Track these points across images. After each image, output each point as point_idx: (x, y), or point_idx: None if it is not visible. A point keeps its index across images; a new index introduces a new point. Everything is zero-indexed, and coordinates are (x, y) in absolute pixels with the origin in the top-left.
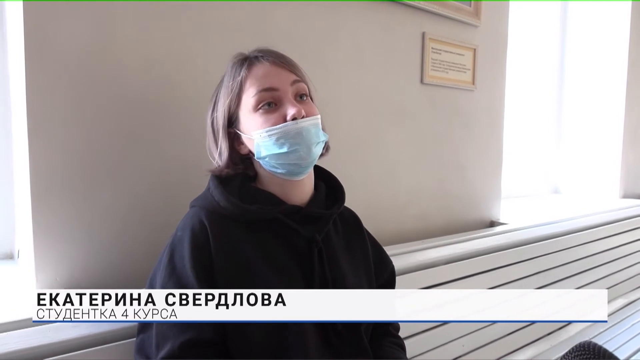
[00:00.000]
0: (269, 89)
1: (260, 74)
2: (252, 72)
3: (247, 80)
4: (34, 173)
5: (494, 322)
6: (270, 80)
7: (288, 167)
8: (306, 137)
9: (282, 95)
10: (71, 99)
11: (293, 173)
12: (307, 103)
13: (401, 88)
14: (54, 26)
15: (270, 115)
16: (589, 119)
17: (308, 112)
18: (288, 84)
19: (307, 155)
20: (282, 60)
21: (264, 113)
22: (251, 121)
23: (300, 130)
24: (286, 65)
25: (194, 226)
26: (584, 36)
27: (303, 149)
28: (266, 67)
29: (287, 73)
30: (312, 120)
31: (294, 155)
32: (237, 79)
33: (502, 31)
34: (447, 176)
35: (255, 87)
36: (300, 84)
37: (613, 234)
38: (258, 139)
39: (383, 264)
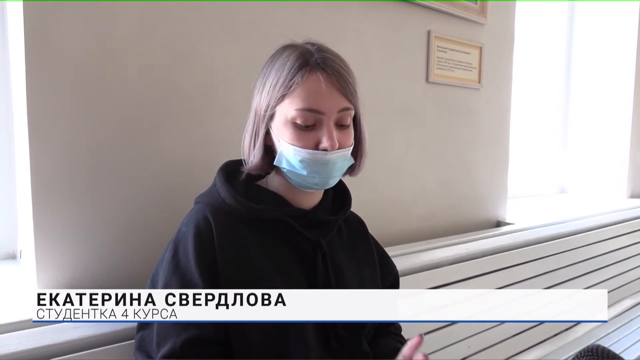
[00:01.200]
0: (315, 110)
1: (313, 89)
2: (307, 82)
3: (298, 87)
4: (35, 173)
5: (500, 323)
6: (319, 101)
7: (302, 186)
8: (329, 170)
9: (324, 120)
10: (72, 99)
11: (304, 188)
12: (345, 132)
13: (406, 87)
14: (54, 26)
15: (305, 135)
16: (596, 119)
17: (342, 143)
18: (335, 110)
19: (324, 184)
20: (340, 79)
21: (299, 129)
22: (285, 128)
23: (326, 162)
24: (341, 88)
25: (199, 222)
26: (591, 35)
27: (322, 178)
28: (321, 83)
29: (340, 97)
30: (341, 152)
31: (312, 180)
32: (288, 82)
33: (509, 29)
34: (453, 176)
35: (302, 101)
36: (348, 111)
37: (620, 234)
38: (284, 149)
39: (387, 270)
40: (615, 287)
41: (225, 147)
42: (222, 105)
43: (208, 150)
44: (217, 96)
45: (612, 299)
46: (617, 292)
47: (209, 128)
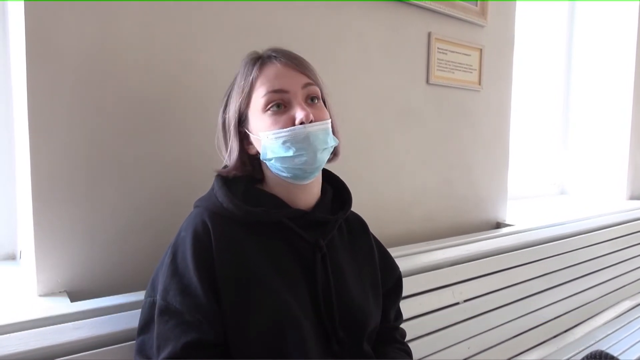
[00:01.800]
0: (279, 90)
1: (272, 75)
2: (264, 72)
3: (257, 80)
4: (36, 174)
5: (500, 325)
6: (281, 81)
7: (293, 171)
8: (313, 143)
9: (291, 98)
10: (73, 100)
11: (298, 177)
12: (317, 107)
13: (407, 88)
14: (55, 25)
15: (279, 118)
16: (596, 120)
17: (317, 116)
18: (299, 86)
19: (313, 161)
20: (295, 61)
21: (272, 114)
22: (260, 122)
23: (307, 134)
24: (299, 67)
25: (197, 227)
26: (591, 36)
27: (309, 154)
28: (278, 68)
29: (299, 75)
30: (320, 125)
31: (299, 159)
32: (248, 79)
33: (509, 31)
34: (453, 177)
35: (265, 87)
36: (312, 87)
37: (620, 236)
38: (265, 140)
39: (390, 269)
40: (615, 289)
41: None
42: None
43: (208, 150)
44: (218, 96)
45: (612, 301)
46: (617, 294)
47: (210, 128)
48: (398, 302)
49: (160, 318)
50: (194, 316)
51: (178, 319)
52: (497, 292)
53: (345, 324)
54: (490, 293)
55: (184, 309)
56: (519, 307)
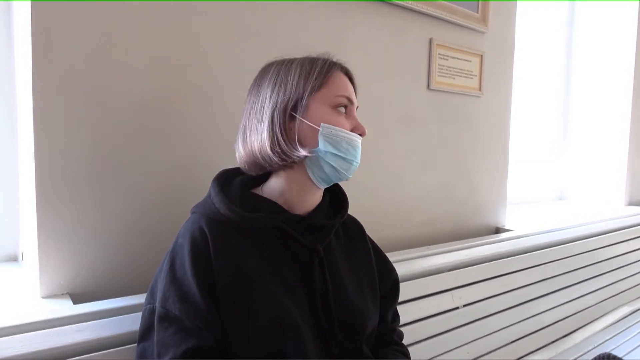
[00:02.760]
0: (349, 99)
1: (344, 82)
2: (337, 74)
3: (332, 77)
4: (40, 175)
5: (500, 329)
6: (350, 91)
7: (332, 172)
8: (359, 156)
9: (353, 110)
10: (77, 101)
11: (328, 179)
12: None
13: (408, 94)
14: (61, 26)
15: (346, 120)
16: (595, 126)
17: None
18: (356, 104)
19: (352, 170)
20: (353, 81)
21: (341, 115)
22: (324, 114)
23: (358, 147)
24: (355, 88)
25: (194, 233)
26: (590, 42)
27: (354, 163)
28: (345, 79)
29: (353, 95)
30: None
31: (347, 164)
32: (323, 69)
33: (509, 37)
34: (453, 182)
35: (341, 89)
36: (356, 108)
37: (618, 242)
38: (326, 132)
39: (387, 273)
40: (613, 294)
41: (230, 150)
42: (226, 107)
43: (212, 152)
44: (222, 99)
45: (610, 306)
46: (615, 299)
47: (214, 130)
48: (395, 304)
49: (160, 325)
50: (193, 322)
51: (178, 325)
52: (497, 297)
53: (343, 327)
54: (490, 298)
55: (183, 315)
56: (518, 311)
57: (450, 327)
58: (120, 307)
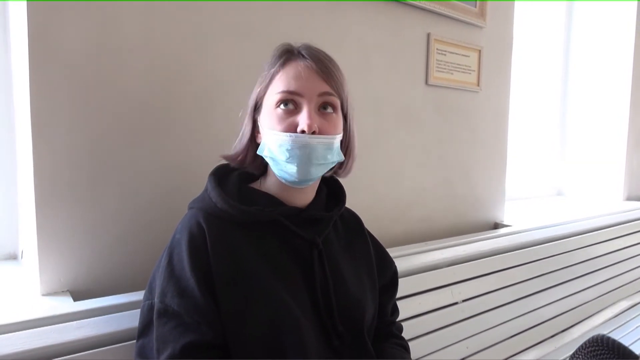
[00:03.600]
0: (293, 92)
1: (292, 74)
2: (286, 68)
3: (277, 74)
4: (38, 174)
5: (498, 324)
6: (299, 83)
7: (283, 175)
8: (308, 155)
9: (304, 102)
10: (75, 101)
11: (289, 182)
12: (329, 118)
13: (406, 89)
14: (58, 26)
15: (285, 118)
16: (593, 121)
17: (324, 129)
18: (315, 93)
19: (304, 173)
20: (321, 66)
21: (281, 113)
22: (268, 116)
23: (304, 146)
24: (322, 73)
25: (192, 228)
26: (588, 38)
27: (301, 165)
28: (301, 68)
29: (320, 81)
30: (322, 139)
31: (290, 167)
32: (270, 70)
33: (508, 32)
34: (451, 178)
35: (282, 84)
36: (330, 97)
37: (617, 237)
38: (266, 136)
39: (385, 265)
40: (612, 289)
41: (227, 149)
42: (224, 106)
43: (209, 151)
44: (219, 97)
45: (608, 301)
46: (613, 294)
47: (211, 129)
48: (394, 297)
49: (158, 320)
50: (192, 317)
51: (176, 320)
52: (495, 292)
53: (344, 319)
54: (489, 293)
55: (182, 310)
56: (516, 307)
57: (449, 322)
58: (120, 303)
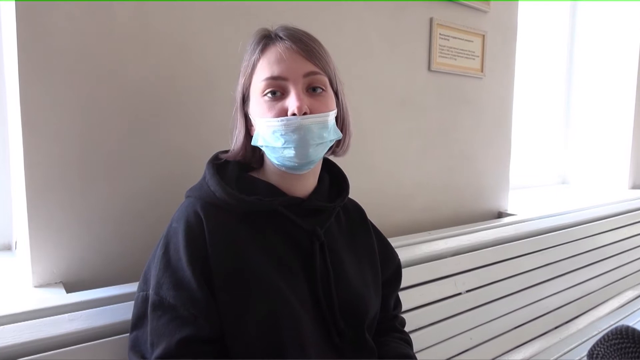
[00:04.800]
0: (277, 77)
1: (273, 59)
2: (266, 54)
3: (259, 62)
4: (29, 163)
5: (503, 315)
6: (281, 67)
7: (282, 161)
8: (304, 136)
9: (290, 86)
10: (67, 91)
11: (290, 168)
12: (319, 97)
13: (408, 75)
14: (48, 17)
15: (274, 104)
16: (598, 109)
17: (315, 108)
18: (300, 74)
19: (303, 155)
20: (301, 45)
21: (268, 101)
22: (257, 106)
23: (299, 127)
24: (304, 53)
25: (189, 217)
26: (594, 23)
27: (298, 148)
28: (281, 51)
29: (303, 61)
30: (316, 118)
31: (288, 152)
32: (251, 59)
33: (512, 17)
34: (454, 166)
35: (265, 71)
36: (316, 76)
37: (622, 226)
38: (258, 126)
39: (389, 258)
40: (617, 279)
41: (222, 138)
42: (219, 96)
43: (204, 140)
44: (215, 87)
45: (614, 291)
46: (619, 284)
47: (206, 119)
48: (397, 290)
49: (153, 313)
50: (188, 310)
51: (172, 313)
52: (500, 282)
53: (345, 313)
54: (493, 283)
55: (178, 303)
56: (521, 297)
57: (453, 313)
58: (114, 295)
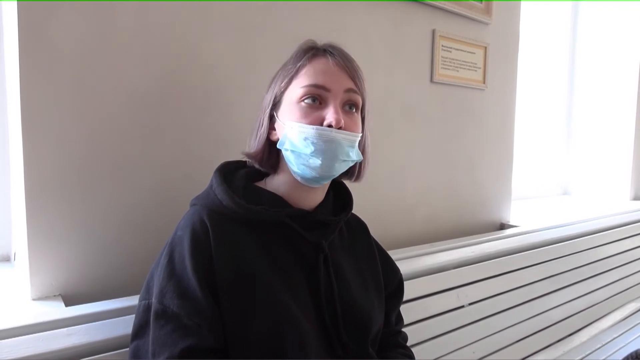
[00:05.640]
0: (321, 86)
1: (319, 69)
2: (313, 63)
3: (304, 68)
4: (29, 173)
5: (506, 328)
6: (326, 78)
7: (304, 170)
8: (334, 150)
9: (330, 98)
10: (67, 98)
11: (307, 178)
12: (352, 117)
13: (410, 87)
14: (50, 19)
15: (311, 112)
16: (600, 120)
17: (349, 126)
18: (342, 89)
19: (328, 167)
20: (349, 64)
21: (305, 107)
22: (290, 110)
23: (331, 140)
24: (349, 70)
25: (195, 225)
26: (595, 35)
27: (326, 159)
28: (328, 64)
29: (346, 78)
30: (348, 135)
31: (314, 161)
32: (296, 64)
33: (514, 29)
34: (456, 177)
35: (308, 78)
36: (355, 94)
37: (625, 237)
38: (289, 129)
39: (391, 272)
40: (620, 291)
41: (225, 145)
42: (222, 102)
43: (206, 148)
44: (217, 93)
45: (617, 303)
46: (621, 296)
47: (209, 125)
48: (399, 305)
49: (156, 322)
50: (192, 320)
51: (175, 323)
52: (502, 295)
53: (348, 326)
54: (496, 296)
55: (182, 312)
56: (524, 309)
57: (456, 326)
58: (114, 309)
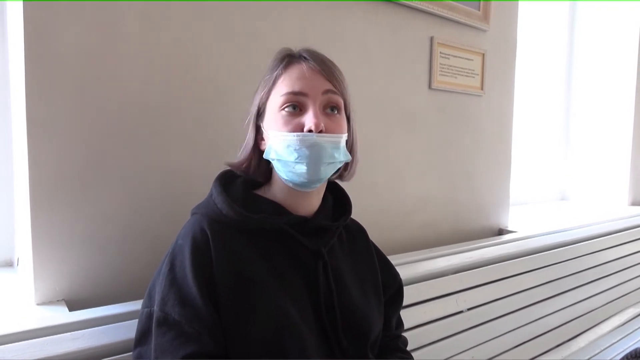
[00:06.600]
0: (298, 92)
1: (295, 76)
2: (288, 71)
3: (280, 77)
4: (33, 179)
5: (505, 333)
6: (302, 83)
7: (292, 177)
8: (317, 154)
9: (309, 102)
10: (72, 104)
11: (297, 184)
12: (334, 118)
13: (409, 93)
14: (54, 26)
15: (291, 119)
16: (598, 125)
17: (330, 128)
18: (320, 91)
19: (313, 172)
20: (323, 66)
21: (286, 115)
22: (273, 120)
23: (313, 144)
24: (325, 73)
25: (195, 234)
26: (592, 41)
27: (310, 164)
28: (303, 69)
29: (323, 81)
30: (330, 137)
31: (299, 167)
32: (272, 74)
33: (511, 36)
34: (455, 183)
35: (285, 86)
36: (334, 95)
37: (623, 242)
38: (272, 139)
39: (390, 277)
40: (619, 296)
41: (225, 153)
42: (223, 111)
43: (208, 155)
44: (218, 102)
45: (615, 308)
46: (620, 301)
47: (211, 132)
48: (399, 310)
49: (158, 329)
50: (193, 327)
51: (177, 330)
52: (501, 300)
53: (348, 332)
54: (494, 301)
55: (183, 319)
56: (522, 315)
57: (455, 331)
58: (118, 314)
